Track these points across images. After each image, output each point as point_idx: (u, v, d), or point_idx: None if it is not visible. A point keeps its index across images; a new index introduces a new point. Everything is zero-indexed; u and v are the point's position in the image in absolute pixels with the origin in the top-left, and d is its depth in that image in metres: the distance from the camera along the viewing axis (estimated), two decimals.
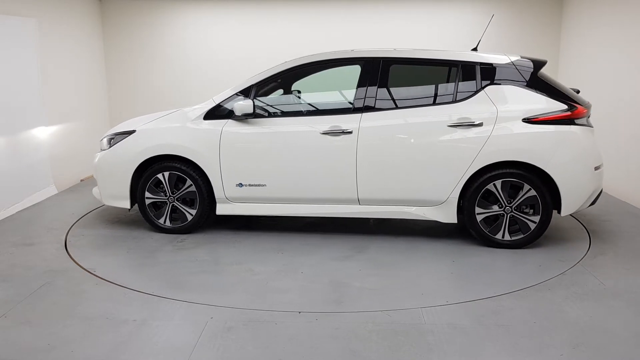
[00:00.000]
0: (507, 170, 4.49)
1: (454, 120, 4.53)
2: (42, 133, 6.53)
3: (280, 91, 5.18)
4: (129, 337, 3.15)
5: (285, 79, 5.08)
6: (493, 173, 4.50)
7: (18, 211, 5.82)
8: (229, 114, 4.85)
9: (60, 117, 7.03)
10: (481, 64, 4.64)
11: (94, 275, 4.11)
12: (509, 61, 4.64)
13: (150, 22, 8.31)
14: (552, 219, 4.59)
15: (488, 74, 4.61)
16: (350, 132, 4.63)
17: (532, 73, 4.60)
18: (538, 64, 4.68)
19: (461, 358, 2.93)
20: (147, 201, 5.07)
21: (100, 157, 5.19)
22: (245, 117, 4.78)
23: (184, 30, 8.32)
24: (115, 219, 5.65)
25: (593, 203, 4.70)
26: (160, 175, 5.00)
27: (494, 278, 4.05)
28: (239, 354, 2.98)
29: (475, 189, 4.54)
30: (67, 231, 5.16)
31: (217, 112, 4.91)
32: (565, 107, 4.46)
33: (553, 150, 4.41)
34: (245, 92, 4.87)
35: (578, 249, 4.66)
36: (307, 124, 4.78)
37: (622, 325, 3.29)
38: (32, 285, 3.91)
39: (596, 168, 4.54)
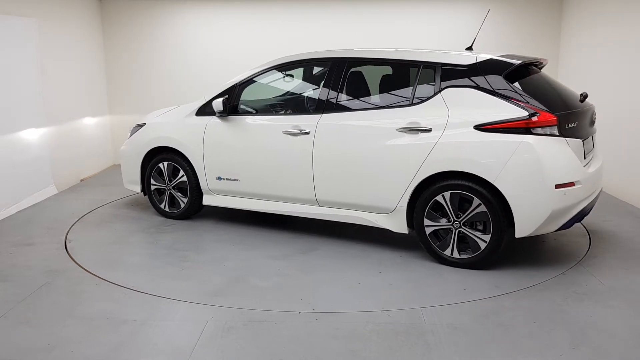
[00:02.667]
0: (455, 182, 4.08)
1: (404, 124, 4.24)
2: (42, 133, 6.52)
3: (261, 90, 5.28)
4: (129, 337, 3.15)
5: (269, 77, 5.17)
6: (442, 184, 4.12)
7: (18, 211, 5.82)
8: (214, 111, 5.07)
9: (60, 117, 7.03)
10: (442, 64, 4.24)
11: (93, 274, 4.13)
12: (474, 62, 4.18)
13: (150, 22, 8.31)
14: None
15: (449, 75, 4.20)
16: (308, 133, 4.62)
17: (500, 74, 4.08)
18: (511, 64, 4.15)
19: (461, 358, 2.93)
20: (152, 187, 5.57)
21: (123, 146, 5.83)
22: (220, 114, 5.01)
23: (183, 29, 8.32)
24: (140, 202, 6.15)
25: (566, 226, 4.05)
26: (161, 165, 5.45)
27: (393, 295, 3.75)
28: (239, 354, 2.98)
29: (425, 199, 4.20)
30: (67, 231, 5.17)
31: (207, 109, 5.17)
32: (526, 114, 3.88)
33: (502, 162, 3.88)
34: (230, 91, 5.03)
35: (578, 248, 4.66)
36: (273, 122, 4.87)
37: (622, 325, 3.29)
38: (32, 285, 3.91)
39: (559, 186, 3.86)
